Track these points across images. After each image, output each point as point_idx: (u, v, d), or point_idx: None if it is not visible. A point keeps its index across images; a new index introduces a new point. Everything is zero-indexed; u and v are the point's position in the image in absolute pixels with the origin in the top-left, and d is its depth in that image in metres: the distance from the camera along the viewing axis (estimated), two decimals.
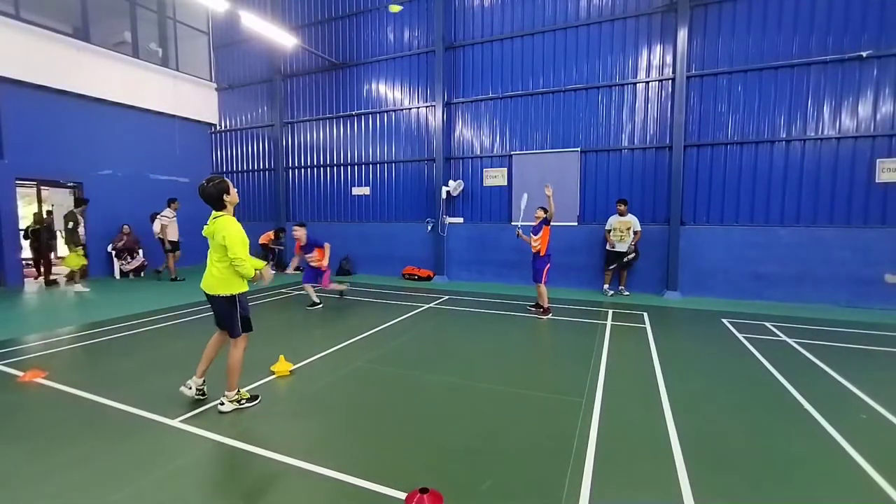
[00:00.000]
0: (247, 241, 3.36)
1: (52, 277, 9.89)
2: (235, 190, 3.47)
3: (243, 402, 3.47)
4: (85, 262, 9.30)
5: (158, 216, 10.12)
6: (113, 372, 4.40)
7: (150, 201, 11.77)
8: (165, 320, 6.37)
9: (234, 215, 3.46)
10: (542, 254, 6.71)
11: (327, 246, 7.23)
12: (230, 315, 3.41)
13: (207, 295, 3.42)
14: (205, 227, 3.38)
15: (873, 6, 7.00)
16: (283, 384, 4.01)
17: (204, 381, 3.57)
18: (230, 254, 3.23)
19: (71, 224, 8.83)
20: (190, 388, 3.52)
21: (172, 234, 10.12)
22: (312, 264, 7.31)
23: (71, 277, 9.26)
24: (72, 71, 9.98)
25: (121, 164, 11.14)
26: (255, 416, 3.34)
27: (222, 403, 3.38)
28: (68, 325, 6.04)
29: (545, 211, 6.72)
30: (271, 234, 11.91)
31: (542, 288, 6.76)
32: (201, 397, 3.57)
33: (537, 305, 6.98)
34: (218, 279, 3.33)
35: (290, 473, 2.60)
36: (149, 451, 2.83)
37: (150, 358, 4.71)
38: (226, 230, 3.23)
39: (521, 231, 7.03)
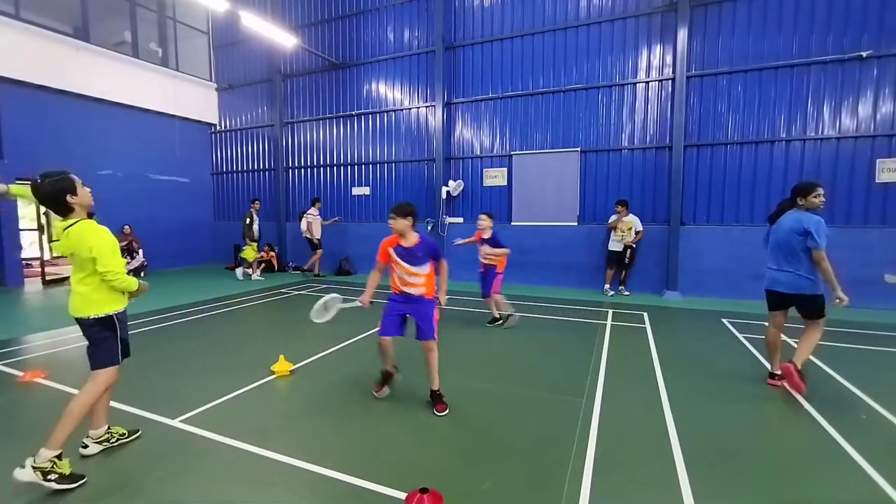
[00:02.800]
0: (118, 247, 2.65)
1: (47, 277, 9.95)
2: (87, 189, 2.61)
3: (50, 477, 2.35)
4: (256, 255, 10.54)
5: (305, 214, 10.64)
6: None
7: (150, 201, 11.79)
8: (165, 320, 6.37)
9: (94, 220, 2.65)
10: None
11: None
12: (104, 340, 2.64)
13: (77, 320, 2.64)
14: (54, 242, 2.60)
15: (873, 6, 7.00)
16: (283, 384, 4.01)
17: (108, 427, 2.85)
18: (101, 267, 2.50)
19: (248, 220, 10.26)
20: (86, 447, 2.73)
21: (317, 232, 10.63)
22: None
23: (248, 267, 10.51)
24: (72, 71, 9.98)
25: (121, 164, 11.14)
26: (256, 416, 3.34)
27: (22, 466, 2.35)
28: (69, 325, 6.04)
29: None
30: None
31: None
32: (122, 439, 2.86)
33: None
34: (87, 297, 2.57)
35: (291, 473, 2.60)
36: (149, 451, 2.83)
37: (151, 358, 4.70)
38: (92, 240, 2.48)
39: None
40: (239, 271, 10.56)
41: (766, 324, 4.10)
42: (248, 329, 6.00)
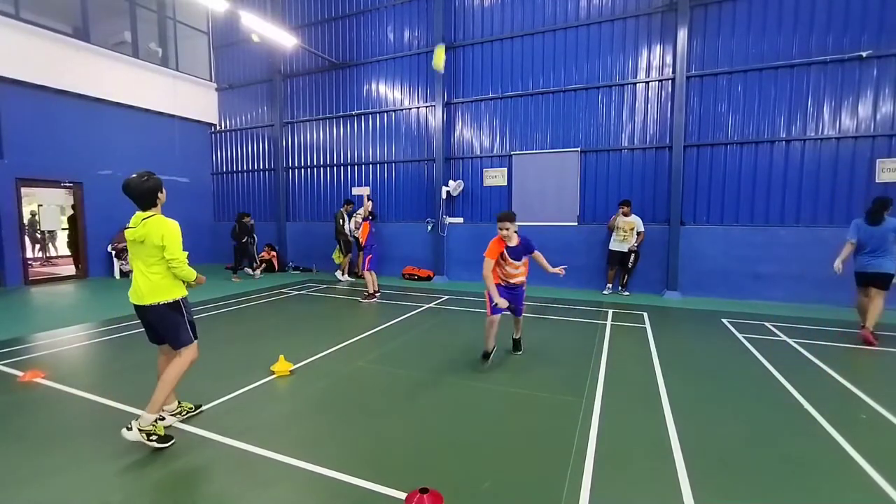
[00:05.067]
0: (181, 239, 3.02)
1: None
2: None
3: (152, 438, 2.80)
4: (343, 257, 10.64)
5: (355, 214, 10.66)
6: (113, 371, 4.40)
7: None
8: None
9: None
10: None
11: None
12: (176, 323, 3.03)
13: (141, 307, 2.99)
14: (128, 230, 2.95)
15: (873, 6, 7.00)
16: (283, 384, 4.01)
17: (178, 402, 3.28)
18: (168, 254, 2.91)
19: (341, 221, 10.43)
20: (163, 419, 3.05)
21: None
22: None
23: (342, 269, 10.67)
24: (72, 71, 9.98)
25: (121, 164, 11.13)
26: (256, 416, 3.34)
27: (129, 428, 2.77)
28: (68, 325, 6.04)
29: None
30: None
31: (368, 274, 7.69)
32: (189, 413, 3.27)
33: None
34: (156, 285, 2.95)
35: (291, 473, 2.60)
36: (149, 451, 2.83)
37: (151, 357, 4.68)
38: (164, 229, 2.90)
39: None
40: (338, 273, 10.63)
41: (858, 296, 5.57)
42: (248, 329, 6.00)
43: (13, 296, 8.37)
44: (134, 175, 2.94)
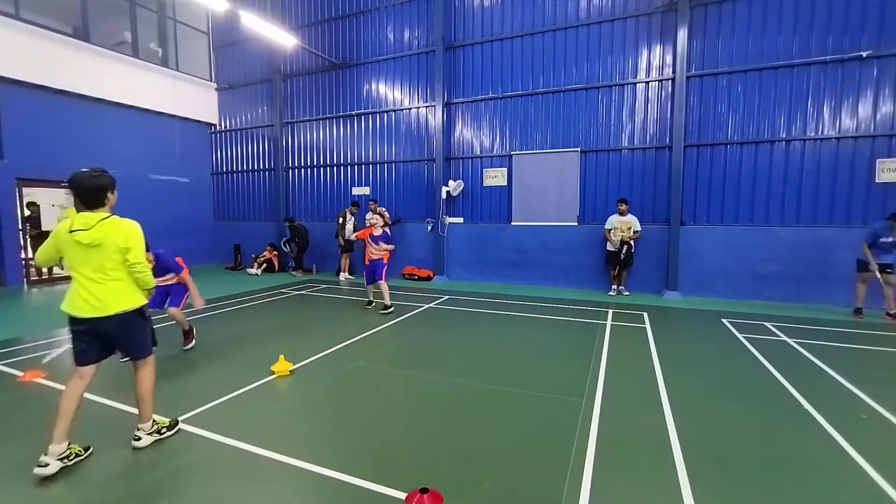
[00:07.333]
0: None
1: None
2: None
3: (164, 430, 2.98)
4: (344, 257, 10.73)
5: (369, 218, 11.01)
6: (113, 372, 4.39)
7: (151, 201, 11.79)
8: (165, 320, 6.37)
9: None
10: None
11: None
12: (142, 330, 2.89)
13: (99, 320, 2.65)
14: (78, 232, 2.58)
15: (873, 6, 7.00)
16: (283, 384, 4.01)
17: (69, 443, 2.63)
18: (133, 257, 2.69)
19: (340, 220, 10.56)
20: (46, 466, 2.49)
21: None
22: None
23: (339, 270, 10.82)
24: (72, 71, 9.98)
25: (121, 164, 11.10)
26: (256, 416, 3.34)
27: (138, 438, 2.85)
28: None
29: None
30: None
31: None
32: (77, 458, 2.66)
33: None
34: (118, 292, 2.70)
35: (291, 473, 2.60)
36: (149, 452, 2.83)
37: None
38: (128, 230, 2.71)
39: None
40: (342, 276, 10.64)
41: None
42: (248, 329, 6.00)
43: (13, 296, 8.38)
44: (84, 170, 2.68)
